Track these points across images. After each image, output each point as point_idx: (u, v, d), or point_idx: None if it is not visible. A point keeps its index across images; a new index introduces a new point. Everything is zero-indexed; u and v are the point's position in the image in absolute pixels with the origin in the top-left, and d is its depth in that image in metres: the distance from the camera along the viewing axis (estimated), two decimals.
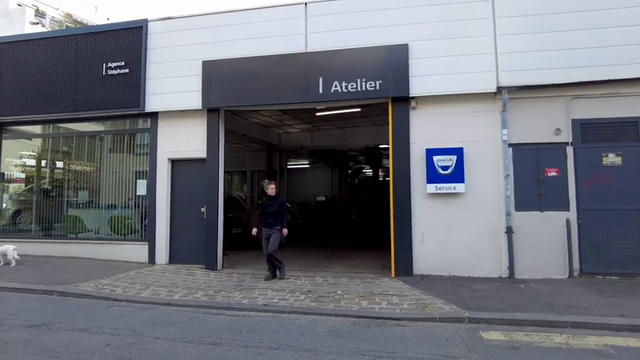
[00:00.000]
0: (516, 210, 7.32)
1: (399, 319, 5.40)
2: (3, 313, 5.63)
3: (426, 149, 7.63)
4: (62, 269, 8.25)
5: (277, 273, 7.59)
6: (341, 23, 8.14)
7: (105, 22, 9.86)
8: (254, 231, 7.66)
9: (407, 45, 7.72)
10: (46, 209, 10.60)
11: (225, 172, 9.24)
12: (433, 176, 7.58)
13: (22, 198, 11.21)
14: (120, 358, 4.10)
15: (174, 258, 8.86)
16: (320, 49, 8.14)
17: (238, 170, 14.12)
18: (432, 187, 7.58)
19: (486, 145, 7.53)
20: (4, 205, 10.85)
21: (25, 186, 11.41)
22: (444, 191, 7.54)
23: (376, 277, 7.61)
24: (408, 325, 5.26)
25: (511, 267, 7.20)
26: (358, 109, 10.15)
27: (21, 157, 11.43)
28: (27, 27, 22.52)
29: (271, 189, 7.76)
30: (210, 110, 8.67)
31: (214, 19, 8.87)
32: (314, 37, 8.26)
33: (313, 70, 8.05)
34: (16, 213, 11.13)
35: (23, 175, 11.50)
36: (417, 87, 7.69)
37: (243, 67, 8.44)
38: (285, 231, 7.62)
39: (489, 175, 7.49)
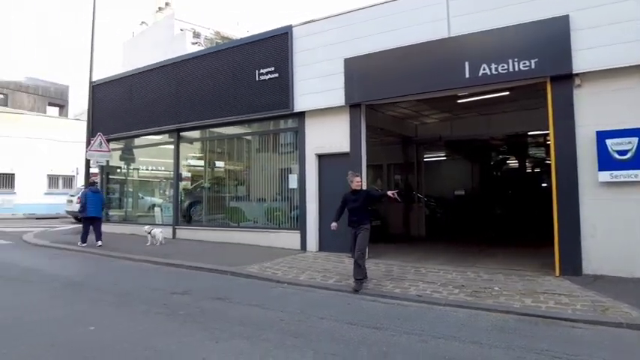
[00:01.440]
0: None
1: (573, 321, 4.86)
2: (195, 286, 6.70)
3: (597, 132, 6.68)
4: (229, 253, 9.44)
5: (359, 285, 6.27)
6: (486, 3, 7.63)
7: (245, 34, 10.92)
8: (333, 225, 6.66)
9: (567, 16, 6.85)
10: (212, 202, 12.28)
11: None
12: (606, 163, 6.60)
13: (191, 194, 13.15)
14: (294, 333, 4.53)
15: (323, 246, 9.42)
16: (464, 32, 7.76)
17: (373, 164, 14.26)
18: (605, 175, 6.62)
19: None
20: (181, 200, 12.86)
21: (192, 184, 13.39)
22: (622, 179, 6.51)
23: (536, 275, 6.96)
24: (586, 327, 4.70)
25: None
26: (506, 93, 9.37)
27: (187, 159, 13.43)
28: (188, 47, 26.22)
29: (356, 182, 6.64)
30: (352, 106, 8.96)
31: (352, 17, 9.10)
32: (457, 20, 7.90)
33: (458, 54, 7.72)
34: (189, 206, 13.11)
35: (190, 175, 13.49)
36: (581, 62, 6.78)
37: (383, 60, 8.52)
38: (389, 192, 6.67)
39: None
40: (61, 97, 43.12)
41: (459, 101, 10.54)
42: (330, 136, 9.35)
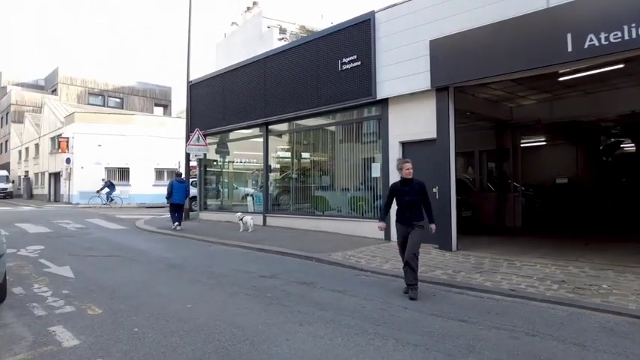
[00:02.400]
0: None
1: None
2: (282, 270, 6.99)
3: None
4: (314, 240, 9.66)
5: (412, 291, 5.34)
6: None
7: (329, 26, 11.00)
8: (381, 225, 5.90)
9: None
10: (299, 192, 12.66)
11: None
12: None
13: (279, 184, 13.70)
14: (376, 321, 4.49)
15: None
16: (565, 0, 6.93)
17: (463, 151, 13.50)
18: None
19: None
20: (270, 190, 13.46)
21: (280, 175, 13.92)
22: None
23: None
24: None
25: None
26: (620, 66, 8.22)
27: (275, 151, 13.97)
28: (275, 43, 27.17)
29: (406, 170, 5.57)
30: (439, 90, 8.55)
31: None
32: None
33: (558, 26, 6.91)
34: (278, 195, 13.69)
35: (278, 166, 14.03)
36: None
37: (472, 39, 7.97)
38: (432, 226, 5.62)
39: None
40: (165, 98, 47.58)
41: (561, 79, 9.51)
42: (414, 122, 9.05)
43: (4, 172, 38.87)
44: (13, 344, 3.87)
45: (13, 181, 39.63)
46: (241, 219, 11.82)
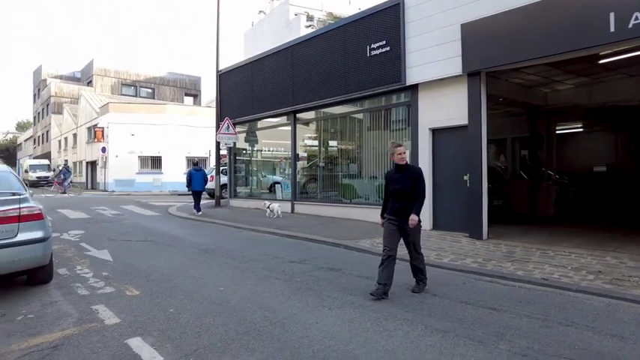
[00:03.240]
0: None
1: None
2: (310, 256, 7.08)
3: None
4: (342, 228, 9.71)
5: (417, 285, 5.09)
6: None
7: (357, 12, 10.85)
8: (382, 221, 5.14)
9: None
10: (326, 179, 12.70)
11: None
12: None
13: (307, 172, 13.78)
14: (405, 307, 4.51)
15: (437, 224, 9.10)
16: None
17: (495, 138, 13.14)
18: None
19: None
20: (298, 178, 13.57)
21: (307, 163, 13.99)
22: None
23: None
24: None
25: None
26: None
27: (303, 140, 14.02)
28: (302, 31, 27.09)
29: (398, 154, 4.85)
30: (471, 75, 8.33)
31: None
32: None
33: (599, 5, 6.58)
34: (306, 183, 13.79)
35: (306, 154, 14.09)
36: None
37: (504, 21, 7.70)
38: (414, 218, 4.73)
39: None
40: (195, 88, 48.41)
41: (601, 62, 9.08)
42: (445, 108, 8.88)
43: (45, 161, 40.81)
44: (61, 320, 4.12)
45: (54, 170, 41.53)
46: (268, 206, 12.17)
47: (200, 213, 13.22)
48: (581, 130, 15.94)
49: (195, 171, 13.71)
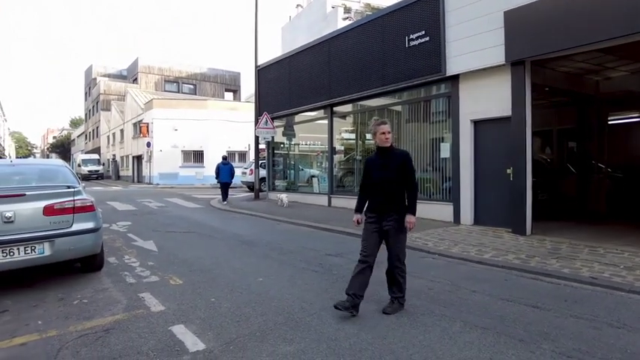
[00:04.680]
0: None
1: None
2: (346, 249, 7.09)
3: None
4: None
5: (390, 304, 4.19)
6: None
7: (395, 2, 10.63)
8: (357, 218, 4.43)
9: None
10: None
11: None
12: None
13: (343, 166, 13.77)
14: (443, 302, 4.45)
15: (478, 219, 8.87)
16: None
17: (540, 130, 12.55)
18: None
19: None
20: (334, 171, 13.59)
21: (344, 156, 13.96)
22: None
23: None
24: None
25: None
26: None
27: (340, 133, 14.00)
28: (340, 23, 26.92)
29: (382, 133, 4.02)
30: (514, 64, 8.00)
31: None
32: None
33: None
34: (343, 176, 13.79)
35: (342, 148, 14.07)
36: None
37: (551, 6, 7.31)
38: (411, 219, 4.07)
39: None
40: (234, 83, 49.34)
41: None
42: (487, 99, 8.59)
43: (95, 156, 43.18)
44: (112, 306, 4.38)
45: (103, 164, 43.84)
46: (280, 198, 13.41)
47: (225, 202, 14.55)
48: (637, 119, 14.94)
49: (223, 164, 15.22)
